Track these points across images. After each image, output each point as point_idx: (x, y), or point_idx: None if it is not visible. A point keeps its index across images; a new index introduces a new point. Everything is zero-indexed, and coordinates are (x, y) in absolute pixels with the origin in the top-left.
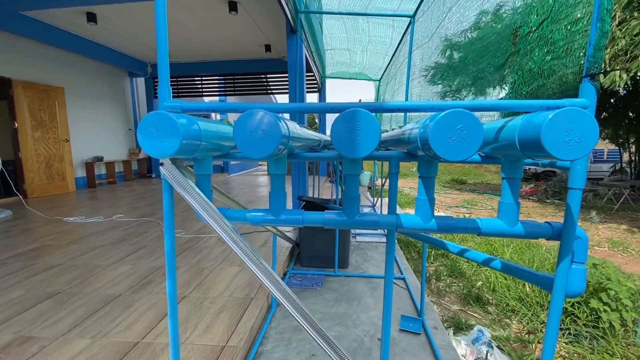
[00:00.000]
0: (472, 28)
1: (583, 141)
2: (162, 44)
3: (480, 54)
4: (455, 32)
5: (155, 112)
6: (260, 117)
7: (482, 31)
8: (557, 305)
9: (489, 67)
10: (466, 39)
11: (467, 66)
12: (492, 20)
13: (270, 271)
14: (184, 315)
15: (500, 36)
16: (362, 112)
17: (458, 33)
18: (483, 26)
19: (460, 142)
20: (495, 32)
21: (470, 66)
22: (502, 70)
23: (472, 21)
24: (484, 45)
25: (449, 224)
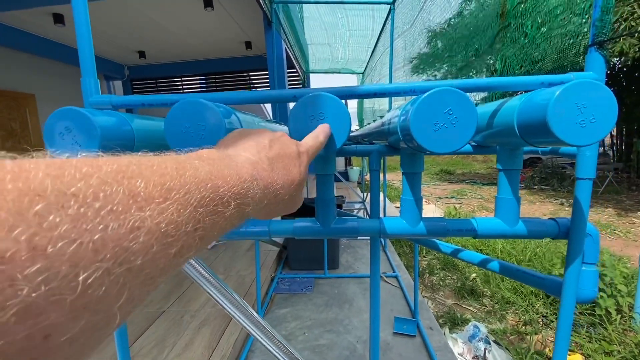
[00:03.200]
0: (456, 16)
1: (599, 121)
2: (82, 24)
3: (466, 40)
4: (439, 22)
5: (65, 108)
6: (198, 109)
7: (467, 18)
8: (568, 314)
9: (476, 50)
10: (450, 27)
11: (453, 56)
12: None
13: (237, 299)
14: (161, 333)
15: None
16: (327, 97)
17: (442, 22)
18: (467, 14)
19: (450, 130)
20: (481, 11)
21: (456, 55)
22: (490, 51)
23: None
24: (469, 29)
25: (439, 227)
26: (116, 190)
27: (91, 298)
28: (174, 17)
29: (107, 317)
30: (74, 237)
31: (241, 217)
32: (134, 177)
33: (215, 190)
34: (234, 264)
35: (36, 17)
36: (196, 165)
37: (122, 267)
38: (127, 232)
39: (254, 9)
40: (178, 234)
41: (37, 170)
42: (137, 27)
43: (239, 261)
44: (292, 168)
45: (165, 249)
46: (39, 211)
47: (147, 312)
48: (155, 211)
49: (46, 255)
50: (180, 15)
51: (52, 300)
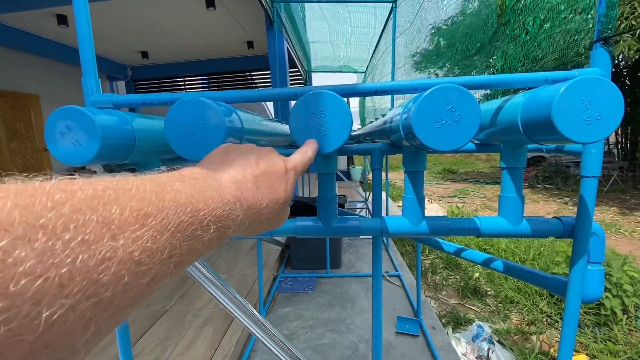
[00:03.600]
0: (459, 14)
1: (605, 118)
2: (83, 25)
3: (467, 38)
4: (442, 19)
5: (66, 107)
6: (198, 107)
7: (468, 16)
8: (573, 314)
9: (478, 49)
10: (453, 24)
11: (455, 54)
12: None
13: (239, 299)
14: (164, 332)
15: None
16: (327, 95)
17: (445, 19)
18: (469, 12)
19: (452, 127)
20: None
21: (457, 53)
22: (490, 47)
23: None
24: (471, 27)
25: (442, 226)
26: (89, 219)
27: (54, 336)
28: (176, 17)
29: (70, 354)
30: (39, 272)
31: (220, 240)
32: (109, 203)
33: (195, 214)
34: (236, 264)
35: (40, 19)
36: (177, 188)
37: (89, 301)
38: (97, 264)
39: (256, 9)
40: (152, 262)
41: (5, 200)
42: (139, 28)
43: (241, 260)
44: (278, 186)
45: (137, 278)
46: (3, 247)
47: (150, 311)
48: (130, 239)
49: (7, 294)
50: (183, 15)
51: (11, 341)
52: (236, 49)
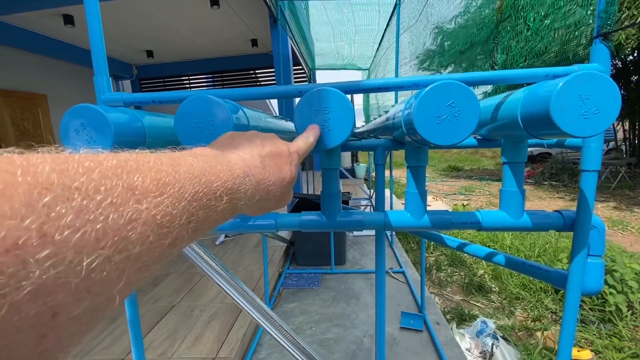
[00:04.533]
0: (462, 13)
1: (602, 112)
2: (95, 26)
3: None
4: (445, 20)
5: (81, 105)
6: (207, 104)
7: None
8: (573, 306)
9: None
10: (456, 25)
11: (459, 54)
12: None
13: (247, 291)
14: (172, 326)
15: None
16: (330, 92)
17: (448, 20)
18: (473, 11)
19: (452, 122)
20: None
21: (461, 54)
22: (491, 43)
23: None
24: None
25: (444, 220)
26: (116, 184)
27: (93, 282)
28: (180, 16)
29: (107, 300)
30: (78, 226)
31: (233, 211)
32: (132, 172)
33: (209, 186)
34: (242, 260)
35: (47, 19)
36: (190, 162)
37: (121, 255)
38: (125, 223)
39: (260, 7)
40: (172, 225)
41: (44, 164)
42: (144, 27)
43: (247, 257)
44: (283, 166)
45: (160, 239)
46: (47, 203)
47: (159, 306)
48: (152, 204)
49: (54, 242)
50: (187, 14)
51: (59, 282)
52: (240, 47)
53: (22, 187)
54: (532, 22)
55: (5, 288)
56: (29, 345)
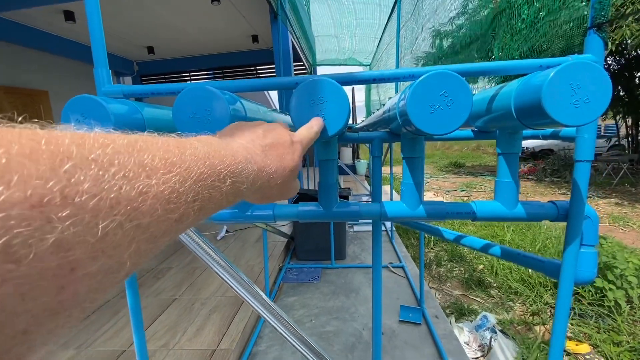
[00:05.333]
0: (459, 14)
1: (593, 101)
2: (94, 18)
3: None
4: (442, 22)
5: (81, 96)
6: (204, 94)
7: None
8: (566, 295)
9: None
10: (454, 26)
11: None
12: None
13: (247, 282)
14: (173, 319)
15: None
16: (326, 82)
17: (446, 22)
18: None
19: (445, 111)
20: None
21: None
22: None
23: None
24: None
25: (439, 210)
26: (128, 160)
27: (107, 244)
28: (181, 12)
29: (118, 263)
30: (95, 192)
31: (236, 194)
32: (142, 151)
33: (213, 168)
34: (244, 254)
35: (47, 15)
36: (195, 145)
37: (132, 223)
38: (136, 195)
39: (260, 2)
40: (179, 202)
41: (64, 138)
42: (145, 23)
43: (248, 251)
44: (285, 156)
45: (167, 213)
46: (67, 169)
47: (160, 299)
48: (161, 180)
49: (74, 204)
50: (188, 9)
51: (78, 240)
52: (241, 43)
53: (46, 154)
54: (526, 15)
55: (31, 238)
56: (50, 293)
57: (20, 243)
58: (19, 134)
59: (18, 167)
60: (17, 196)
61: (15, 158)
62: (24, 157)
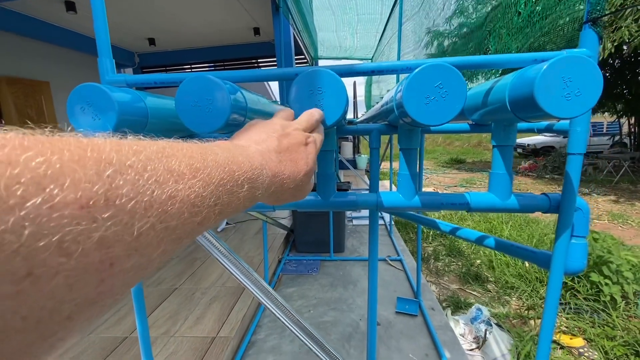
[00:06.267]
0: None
1: (584, 94)
2: (99, 9)
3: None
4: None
5: (86, 84)
6: (206, 84)
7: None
8: (556, 284)
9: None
10: (451, 26)
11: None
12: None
13: (249, 270)
14: (174, 307)
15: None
16: (324, 73)
17: (442, 22)
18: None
19: (440, 102)
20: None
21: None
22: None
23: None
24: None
25: (434, 201)
26: (158, 166)
27: (140, 243)
28: (183, 3)
29: (148, 261)
30: (132, 196)
31: (252, 199)
32: (170, 157)
33: (232, 174)
34: (243, 246)
35: (48, 5)
36: (216, 152)
37: (162, 225)
38: (166, 199)
39: None
40: (203, 205)
41: (104, 145)
42: (146, 14)
43: (247, 243)
44: (299, 160)
45: (192, 216)
46: (109, 174)
47: (160, 289)
48: (187, 185)
49: (115, 206)
50: (190, 0)
51: (117, 239)
52: (242, 35)
53: (92, 160)
54: (522, 9)
55: (80, 235)
56: (91, 285)
57: (71, 239)
58: (68, 142)
59: (70, 172)
60: (70, 198)
61: (67, 164)
62: (74, 163)
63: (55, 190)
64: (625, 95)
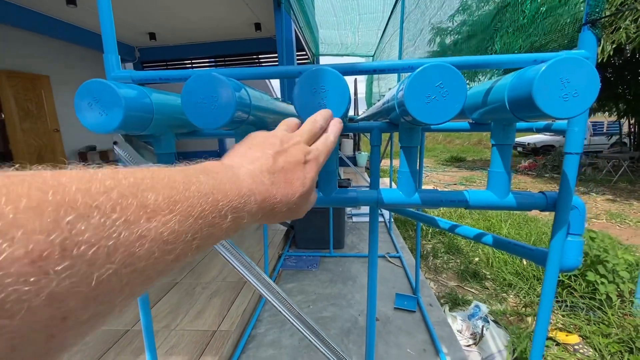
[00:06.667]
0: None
1: (581, 95)
2: (104, 4)
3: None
4: (442, 20)
5: (93, 80)
6: (211, 81)
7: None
8: (551, 281)
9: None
10: (454, 23)
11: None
12: None
13: (251, 263)
14: (175, 302)
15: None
16: (327, 71)
17: (446, 19)
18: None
19: (440, 102)
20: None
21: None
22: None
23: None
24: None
25: (433, 198)
26: (131, 203)
27: (100, 292)
28: None
29: (109, 307)
30: (94, 242)
31: (236, 229)
32: (147, 190)
33: (215, 204)
34: (243, 242)
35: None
36: (201, 180)
37: (127, 269)
38: (135, 240)
39: None
40: (177, 242)
41: (71, 184)
42: (146, 8)
43: (248, 239)
44: (295, 181)
45: (164, 255)
46: (70, 220)
47: (161, 283)
48: (161, 222)
49: (72, 256)
50: None
51: (72, 291)
52: (243, 31)
53: (52, 206)
54: (528, 10)
55: (27, 294)
56: (40, 342)
57: (14, 300)
58: (29, 186)
59: (23, 222)
60: (18, 253)
61: (22, 213)
62: (31, 211)
63: (3, 245)
64: (626, 95)
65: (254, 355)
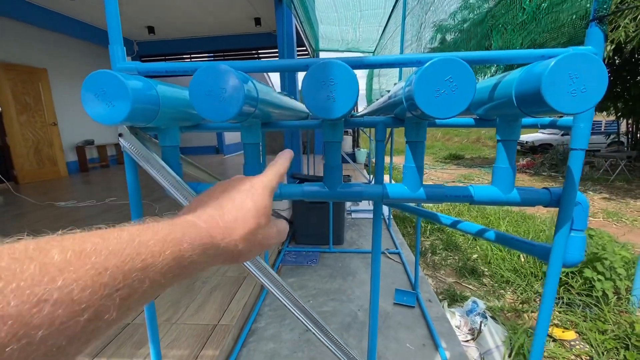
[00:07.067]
0: (462, 7)
1: (589, 91)
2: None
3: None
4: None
5: (100, 71)
6: (220, 73)
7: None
8: (554, 276)
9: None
10: (455, 20)
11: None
12: None
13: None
14: (175, 296)
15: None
16: (336, 64)
17: (447, 17)
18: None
19: (450, 96)
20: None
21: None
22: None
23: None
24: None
25: (438, 193)
26: (27, 267)
27: None
28: None
29: None
30: None
31: (180, 266)
32: (52, 249)
33: (144, 244)
34: None
35: None
36: (127, 226)
37: (20, 342)
38: (30, 307)
39: None
40: (93, 298)
41: None
42: (146, 0)
43: None
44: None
45: (75, 316)
46: None
47: None
48: (70, 279)
49: None
50: None
51: None
52: (243, 26)
53: None
54: (527, 6)
55: None
56: None
57: None
58: None
59: None
60: None
61: None
62: None
63: None
64: (624, 95)
65: (254, 349)
